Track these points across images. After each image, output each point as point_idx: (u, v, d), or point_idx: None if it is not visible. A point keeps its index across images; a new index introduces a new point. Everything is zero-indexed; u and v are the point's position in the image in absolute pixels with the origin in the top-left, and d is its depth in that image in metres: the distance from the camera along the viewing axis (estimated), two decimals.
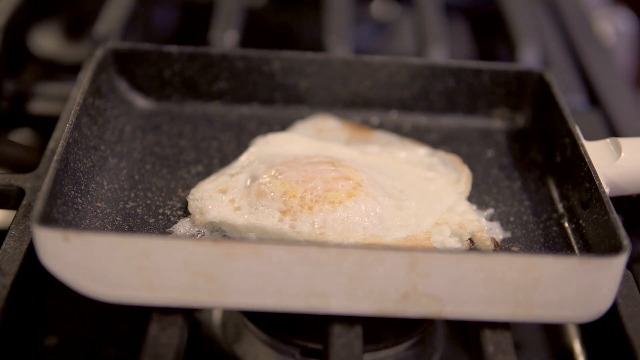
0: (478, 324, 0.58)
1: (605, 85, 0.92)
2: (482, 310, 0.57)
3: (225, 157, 0.73)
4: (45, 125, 0.81)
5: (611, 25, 1.17)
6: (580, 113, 0.86)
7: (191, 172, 0.71)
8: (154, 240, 0.54)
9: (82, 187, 0.64)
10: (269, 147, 0.72)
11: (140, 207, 0.66)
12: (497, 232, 0.66)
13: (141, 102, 0.77)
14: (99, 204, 0.65)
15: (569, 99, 0.87)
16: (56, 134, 0.74)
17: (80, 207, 0.62)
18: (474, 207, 0.69)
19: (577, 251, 0.65)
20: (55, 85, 0.90)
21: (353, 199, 0.64)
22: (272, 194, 0.64)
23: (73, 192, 0.62)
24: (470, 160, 0.74)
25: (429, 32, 0.94)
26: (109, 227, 0.64)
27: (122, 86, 0.76)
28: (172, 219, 0.66)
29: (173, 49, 0.77)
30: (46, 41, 1.09)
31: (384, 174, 0.69)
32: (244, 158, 0.71)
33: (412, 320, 0.64)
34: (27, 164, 0.79)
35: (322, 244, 0.56)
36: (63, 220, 0.59)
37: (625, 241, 0.57)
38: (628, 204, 0.72)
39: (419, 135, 0.78)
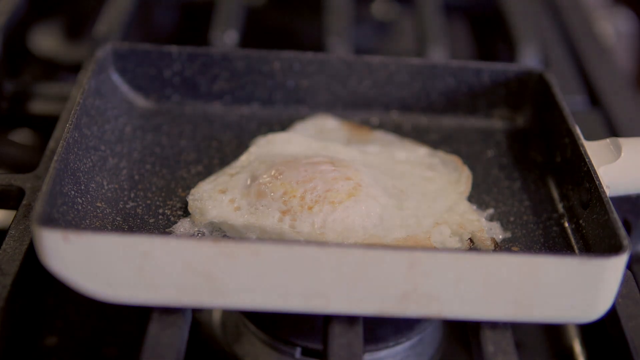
0: (478, 324, 0.58)
1: (605, 85, 0.92)
2: (482, 310, 0.57)
3: (225, 157, 0.73)
4: (45, 125, 0.81)
5: (611, 25, 1.17)
6: (580, 113, 0.86)
7: (191, 172, 0.71)
8: (154, 240, 0.54)
9: (82, 187, 0.64)
10: (269, 147, 0.72)
11: (140, 207, 0.66)
12: (497, 232, 0.66)
13: (141, 102, 0.77)
14: (99, 204, 0.65)
15: (569, 99, 0.87)
16: (56, 134, 0.74)
17: (80, 207, 0.62)
18: (474, 207, 0.68)
19: (577, 251, 0.65)
20: (55, 85, 0.90)
21: (353, 199, 0.64)
22: (272, 194, 0.64)
23: (73, 192, 0.62)
24: (470, 160, 0.74)
25: (429, 32, 0.94)
26: (109, 227, 0.64)
27: (122, 86, 0.76)
28: (172, 219, 0.66)
29: (173, 49, 0.77)
30: (46, 41, 1.09)
31: (384, 174, 0.69)
32: (244, 158, 0.71)
33: (412, 320, 0.64)
34: (27, 164, 0.79)
35: (322, 244, 0.56)
36: (63, 220, 0.59)
37: (625, 241, 0.57)
38: (628, 204, 0.72)
39: (419, 135, 0.78)
